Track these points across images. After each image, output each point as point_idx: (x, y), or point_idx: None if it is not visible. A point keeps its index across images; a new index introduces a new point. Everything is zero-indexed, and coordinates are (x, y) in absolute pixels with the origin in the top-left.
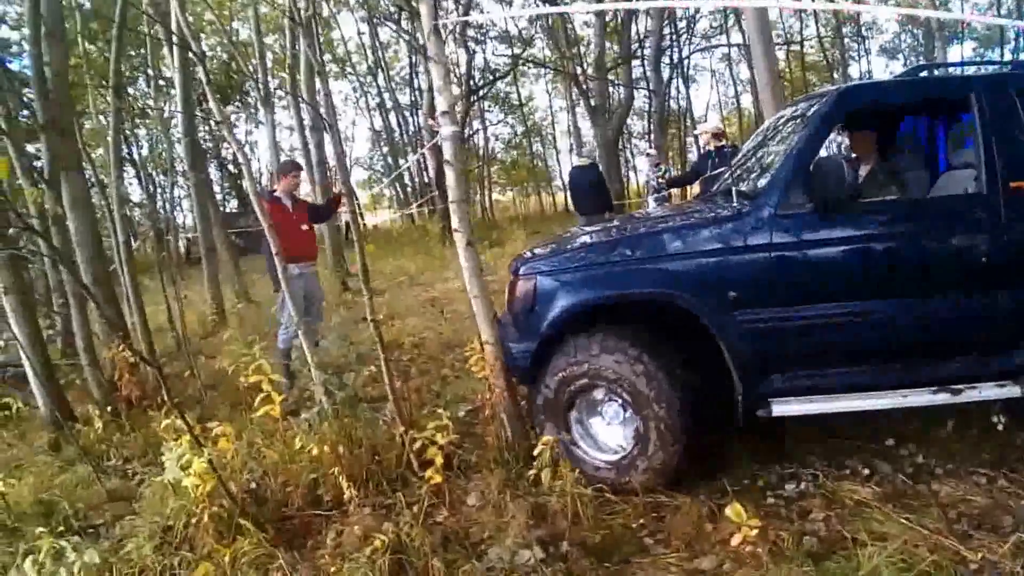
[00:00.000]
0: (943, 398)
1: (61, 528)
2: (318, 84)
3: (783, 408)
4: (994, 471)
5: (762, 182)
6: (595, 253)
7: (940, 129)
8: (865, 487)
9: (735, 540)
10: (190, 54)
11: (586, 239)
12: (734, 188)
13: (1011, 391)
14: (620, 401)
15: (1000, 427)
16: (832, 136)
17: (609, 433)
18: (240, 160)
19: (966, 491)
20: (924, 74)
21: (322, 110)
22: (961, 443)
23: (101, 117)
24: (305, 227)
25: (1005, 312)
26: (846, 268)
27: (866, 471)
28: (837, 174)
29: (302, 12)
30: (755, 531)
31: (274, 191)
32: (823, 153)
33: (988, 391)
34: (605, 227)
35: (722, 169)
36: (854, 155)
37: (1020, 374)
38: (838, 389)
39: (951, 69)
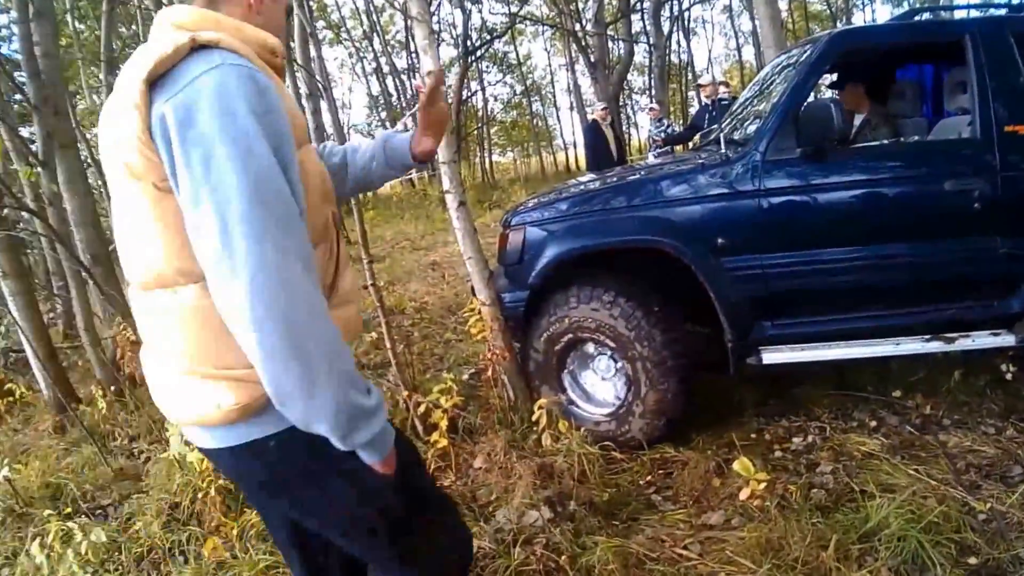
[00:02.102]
0: (936, 346)
1: (68, 510)
2: (313, 51)
3: (773, 356)
4: (1002, 421)
5: (752, 129)
6: (583, 203)
7: (944, 76)
8: (873, 439)
9: (743, 494)
10: None
11: (575, 190)
12: (723, 136)
13: (1005, 340)
14: (609, 353)
15: (1008, 376)
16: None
17: (604, 388)
18: None
19: (974, 441)
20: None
21: (316, 74)
22: (969, 393)
23: (95, 97)
24: None
25: (999, 259)
26: (835, 213)
27: (873, 423)
28: (825, 118)
29: None
30: (763, 485)
31: None
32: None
33: (982, 340)
34: (595, 178)
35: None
36: (847, 109)
37: (1015, 322)
38: (829, 337)
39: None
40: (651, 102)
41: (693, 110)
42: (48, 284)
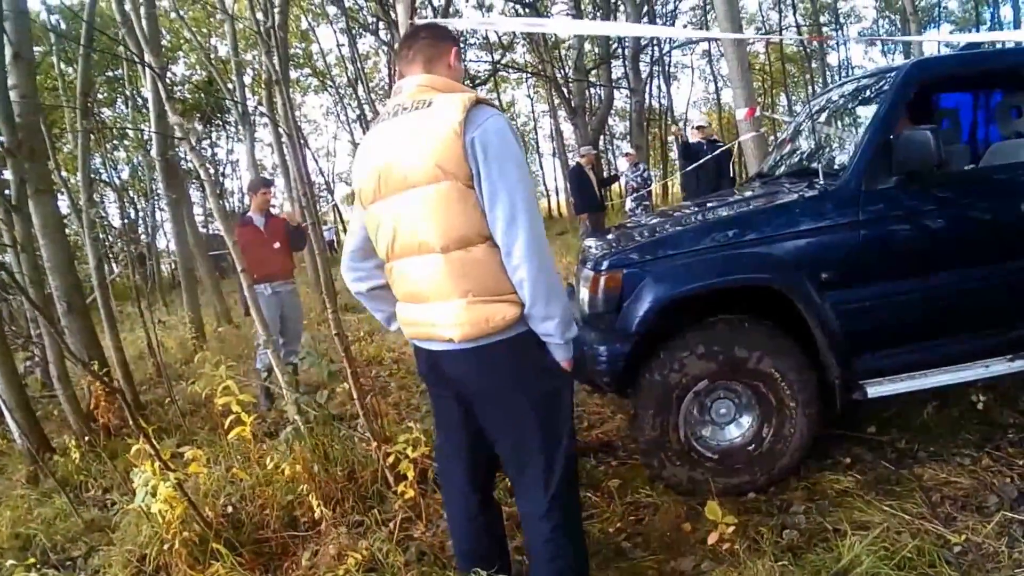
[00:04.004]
0: (1020, 364)
1: (32, 560)
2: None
3: (877, 389)
4: (978, 451)
5: (840, 160)
6: (685, 242)
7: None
8: (847, 476)
9: (711, 538)
10: (148, 69)
11: (670, 229)
12: (820, 167)
13: None
14: (735, 400)
15: (980, 406)
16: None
17: (715, 432)
18: (203, 177)
19: (950, 473)
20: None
21: (283, 122)
22: (943, 425)
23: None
24: (278, 245)
25: None
26: (936, 239)
27: (848, 460)
28: (923, 145)
29: (262, 24)
30: (731, 528)
31: (246, 211)
32: None
33: None
34: (685, 215)
35: (700, 161)
36: None
37: None
38: (925, 364)
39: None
40: (630, 147)
41: (673, 154)
42: (28, 331)
